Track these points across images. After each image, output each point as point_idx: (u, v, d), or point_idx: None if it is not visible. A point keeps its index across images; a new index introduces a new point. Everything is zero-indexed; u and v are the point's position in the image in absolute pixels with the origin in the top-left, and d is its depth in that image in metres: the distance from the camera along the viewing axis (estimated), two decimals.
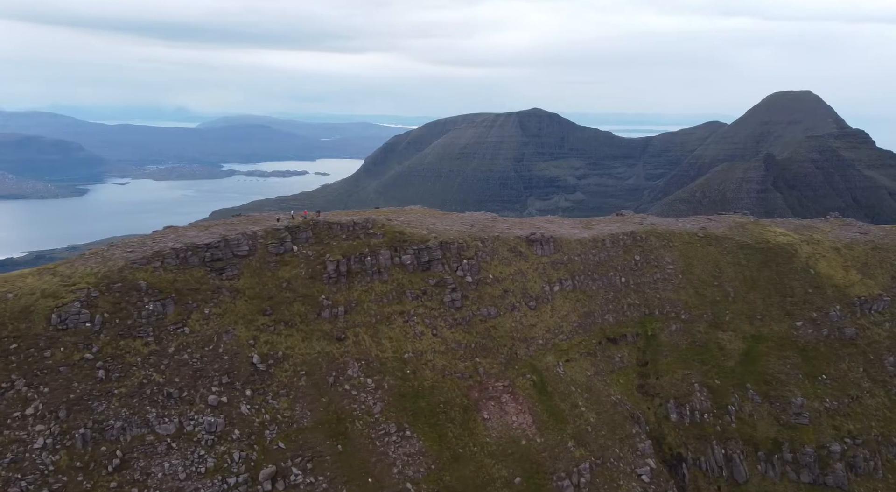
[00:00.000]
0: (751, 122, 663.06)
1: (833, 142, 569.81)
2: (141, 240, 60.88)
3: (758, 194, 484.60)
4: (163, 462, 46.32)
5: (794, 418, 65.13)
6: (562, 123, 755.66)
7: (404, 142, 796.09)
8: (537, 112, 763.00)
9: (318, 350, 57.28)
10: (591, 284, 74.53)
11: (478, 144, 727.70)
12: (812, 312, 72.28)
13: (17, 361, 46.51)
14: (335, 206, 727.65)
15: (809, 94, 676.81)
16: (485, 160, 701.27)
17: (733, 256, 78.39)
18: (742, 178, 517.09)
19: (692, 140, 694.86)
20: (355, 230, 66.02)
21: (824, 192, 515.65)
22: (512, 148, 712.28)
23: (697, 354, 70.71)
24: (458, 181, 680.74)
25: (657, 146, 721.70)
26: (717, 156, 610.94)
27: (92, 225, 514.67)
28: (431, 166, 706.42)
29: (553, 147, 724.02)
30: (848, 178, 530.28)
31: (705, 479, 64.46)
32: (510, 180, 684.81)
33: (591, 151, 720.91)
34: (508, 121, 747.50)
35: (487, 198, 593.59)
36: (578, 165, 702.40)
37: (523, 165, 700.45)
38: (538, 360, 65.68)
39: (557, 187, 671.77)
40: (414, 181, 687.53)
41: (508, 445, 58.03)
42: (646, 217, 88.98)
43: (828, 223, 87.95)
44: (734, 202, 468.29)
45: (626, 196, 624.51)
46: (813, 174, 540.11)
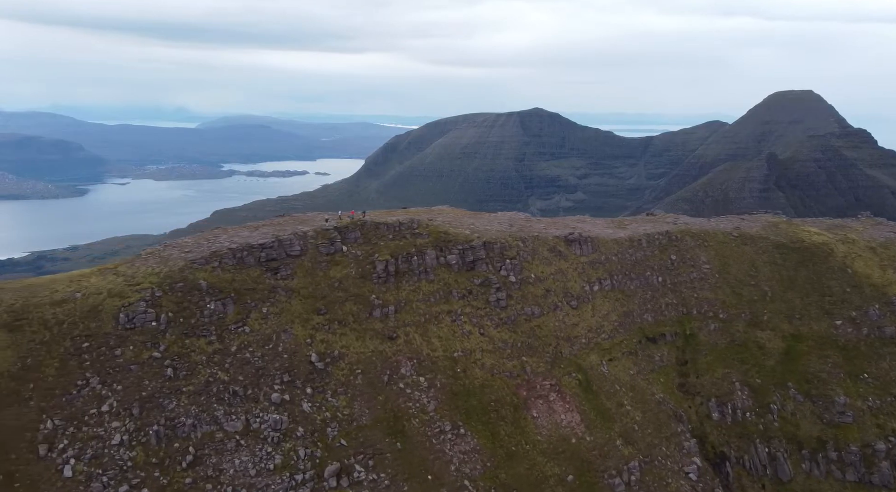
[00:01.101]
0: (752, 121, 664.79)
1: (835, 141, 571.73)
2: (195, 240, 61.53)
3: (760, 194, 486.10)
4: (233, 459, 47.01)
5: (837, 416, 65.96)
6: (563, 122, 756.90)
7: (405, 142, 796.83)
8: (538, 112, 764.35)
9: (371, 349, 57.97)
10: (628, 284, 75.33)
11: (479, 143, 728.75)
12: (851, 312, 73.18)
13: (90, 359, 47.18)
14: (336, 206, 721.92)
15: (811, 94, 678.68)
16: (486, 160, 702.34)
17: (769, 255, 79.27)
18: (745, 177, 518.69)
19: (693, 140, 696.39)
20: (401, 230, 66.73)
21: (827, 191, 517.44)
22: (513, 148, 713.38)
23: (737, 354, 71.51)
24: (459, 181, 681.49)
25: (658, 146, 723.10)
26: (718, 155, 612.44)
27: (92, 225, 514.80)
28: (432, 166, 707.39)
29: (554, 147, 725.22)
30: (850, 177, 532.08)
31: (749, 478, 65.25)
32: (511, 180, 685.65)
33: (592, 150, 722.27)
34: (509, 121, 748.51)
35: (489, 198, 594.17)
36: (579, 164, 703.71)
37: (524, 165, 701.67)
38: (582, 359, 66.45)
39: (558, 187, 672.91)
40: (415, 181, 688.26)
41: (559, 443, 58.77)
42: (678, 217, 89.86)
43: (860, 223, 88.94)
44: (737, 202, 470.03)
45: (628, 196, 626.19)
46: (815, 174, 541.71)
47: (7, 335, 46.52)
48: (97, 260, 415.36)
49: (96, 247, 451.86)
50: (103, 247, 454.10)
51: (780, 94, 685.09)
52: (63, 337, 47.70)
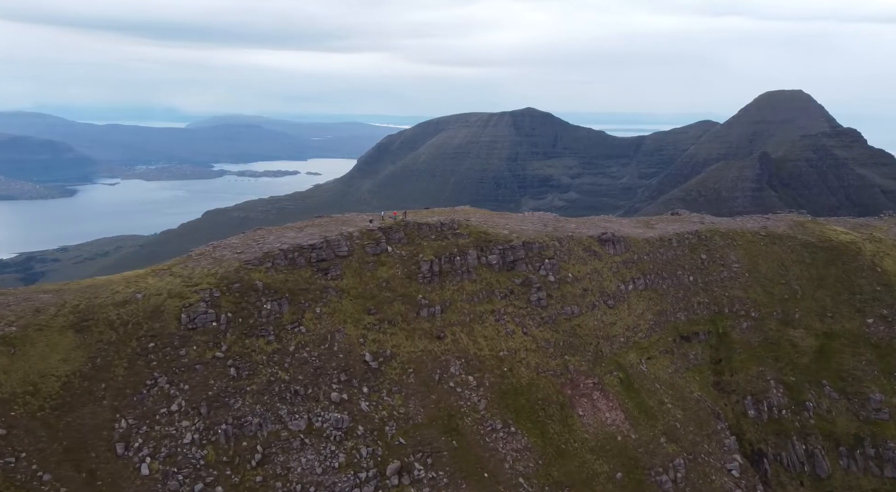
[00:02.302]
0: (743, 121, 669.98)
1: (826, 141, 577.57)
2: (243, 241, 61.89)
3: (753, 193, 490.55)
4: (299, 457, 47.51)
5: (873, 413, 67.37)
6: (555, 122, 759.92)
7: (398, 141, 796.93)
8: (531, 112, 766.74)
9: (421, 348, 58.63)
10: (661, 283, 76.45)
11: (472, 143, 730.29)
12: (882, 310, 74.72)
13: (157, 359, 47.47)
14: (329, 206, 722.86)
15: (801, 94, 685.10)
16: (479, 160, 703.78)
17: (798, 254, 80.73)
18: (737, 176, 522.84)
19: (685, 139, 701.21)
20: (443, 231, 67.39)
21: (819, 190, 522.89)
22: (506, 147, 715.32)
23: (770, 351, 72.79)
24: (452, 181, 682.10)
25: (650, 145, 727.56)
26: (710, 155, 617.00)
27: (82, 226, 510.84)
28: (425, 166, 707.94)
29: (546, 146, 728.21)
30: (841, 176, 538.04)
31: (787, 474, 66.50)
32: (504, 180, 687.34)
33: (585, 150, 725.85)
34: (502, 120, 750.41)
35: (482, 197, 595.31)
36: (572, 164, 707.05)
37: (517, 165, 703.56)
38: (622, 357, 67.47)
39: (551, 186, 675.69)
40: (408, 181, 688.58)
41: (606, 440, 59.71)
42: (703, 216, 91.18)
43: (883, 222, 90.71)
44: (729, 201, 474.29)
45: (620, 195, 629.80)
46: (807, 173, 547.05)
47: (76, 336, 46.73)
48: (88, 262, 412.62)
49: (86, 248, 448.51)
50: (94, 248, 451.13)
51: (771, 94, 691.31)
52: (129, 337, 47.96)
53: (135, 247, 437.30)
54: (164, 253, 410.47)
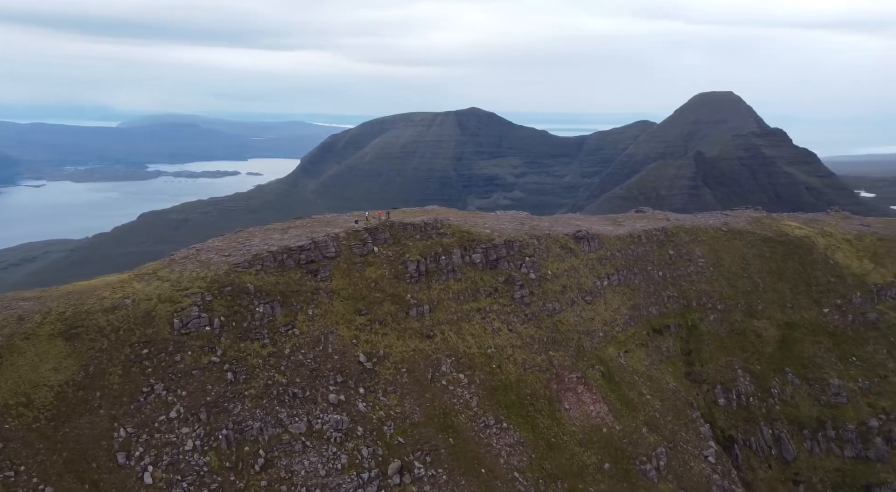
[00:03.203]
0: (679, 121, 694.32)
1: (756, 140, 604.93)
2: (228, 243, 60.69)
3: (690, 191, 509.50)
4: (302, 460, 47.19)
5: (833, 398, 71.57)
6: (499, 122, 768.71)
7: (342, 141, 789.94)
8: (475, 111, 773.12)
9: (412, 348, 58.97)
10: (633, 279, 79.04)
11: (417, 143, 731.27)
12: (836, 300, 79.41)
13: (152, 365, 46.24)
14: (272, 207, 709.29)
15: (732, 95, 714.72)
16: (424, 159, 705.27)
17: (757, 248, 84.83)
18: (675, 175, 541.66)
19: (624, 139, 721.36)
20: (427, 231, 67.82)
21: (750, 187, 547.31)
22: (451, 147, 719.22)
23: (737, 342, 76.36)
24: (398, 180, 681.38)
25: (591, 145, 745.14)
26: (648, 154, 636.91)
27: (6, 230, 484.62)
28: (371, 166, 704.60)
29: (491, 146, 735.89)
30: (770, 174, 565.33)
31: (756, 458, 69.95)
32: (450, 179, 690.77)
33: (529, 149, 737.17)
34: (447, 120, 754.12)
35: (428, 197, 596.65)
36: (516, 163, 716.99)
37: (463, 164, 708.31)
38: (602, 351, 69.50)
39: (497, 185, 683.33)
40: (354, 181, 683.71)
41: (592, 432, 61.49)
42: (668, 214, 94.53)
43: (831, 217, 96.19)
44: (668, 199, 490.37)
45: (563, 194, 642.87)
46: (739, 171, 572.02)
47: (65, 344, 45.04)
48: (13, 268, 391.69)
49: (12, 253, 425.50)
50: (19, 253, 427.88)
51: (704, 95, 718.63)
52: (122, 344, 46.54)
53: (65, 252, 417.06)
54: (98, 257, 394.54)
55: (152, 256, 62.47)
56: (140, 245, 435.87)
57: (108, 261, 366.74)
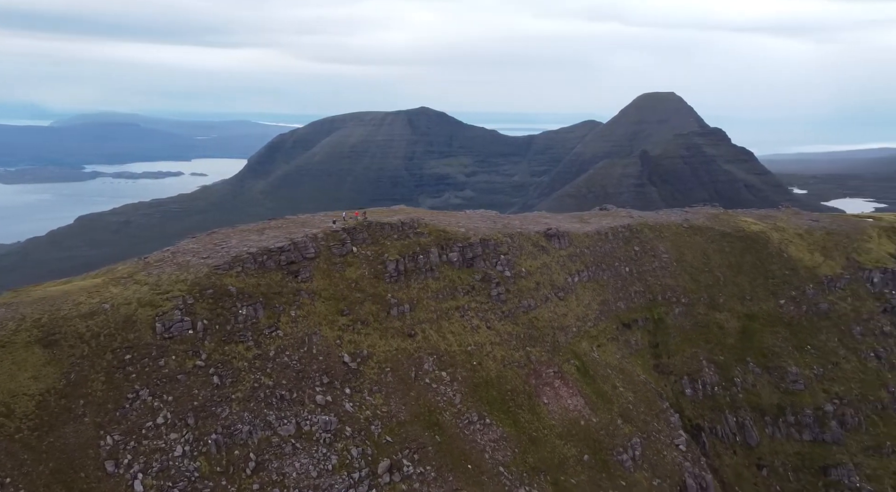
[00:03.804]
0: (624, 121, 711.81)
1: (697, 139, 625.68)
2: (202, 245, 59.54)
3: (636, 188, 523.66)
4: (293, 462, 46.88)
5: (791, 385, 75.16)
6: (449, 121, 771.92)
7: (290, 141, 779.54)
8: (425, 111, 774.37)
9: (395, 347, 59.17)
10: (601, 275, 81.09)
11: (367, 142, 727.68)
12: (791, 291, 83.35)
13: (136, 371, 45.14)
14: (219, 208, 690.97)
15: (673, 95, 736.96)
16: (375, 159, 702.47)
17: (717, 244, 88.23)
18: (622, 173, 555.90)
19: (572, 138, 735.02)
20: (404, 230, 68.05)
21: (692, 185, 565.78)
22: (402, 146, 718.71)
23: (701, 334, 79.29)
24: (349, 180, 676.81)
25: (540, 144, 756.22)
26: (595, 153, 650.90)
27: None
28: (321, 166, 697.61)
29: (442, 145, 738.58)
30: (711, 172, 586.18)
31: (722, 445, 72.88)
32: (402, 178, 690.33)
33: (479, 148, 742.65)
34: (397, 119, 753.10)
35: (379, 196, 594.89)
36: (467, 162, 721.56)
37: (414, 164, 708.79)
38: (576, 346, 71.15)
39: (448, 185, 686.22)
40: (303, 181, 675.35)
41: (571, 426, 62.95)
42: (631, 211, 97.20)
43: (782, 213, 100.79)
44: (615, 196, 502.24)
45: (513, 193, 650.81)
46: (682, 169, 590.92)
47: (44, 351, 43.54)
48: None
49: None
50: None
51: (648, 96, 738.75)
52: (103, 350, 45.27)
53: None
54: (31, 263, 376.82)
55: (91, 261, 60.35)
56: (77, 249, 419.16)
57: (42, 266, 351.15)
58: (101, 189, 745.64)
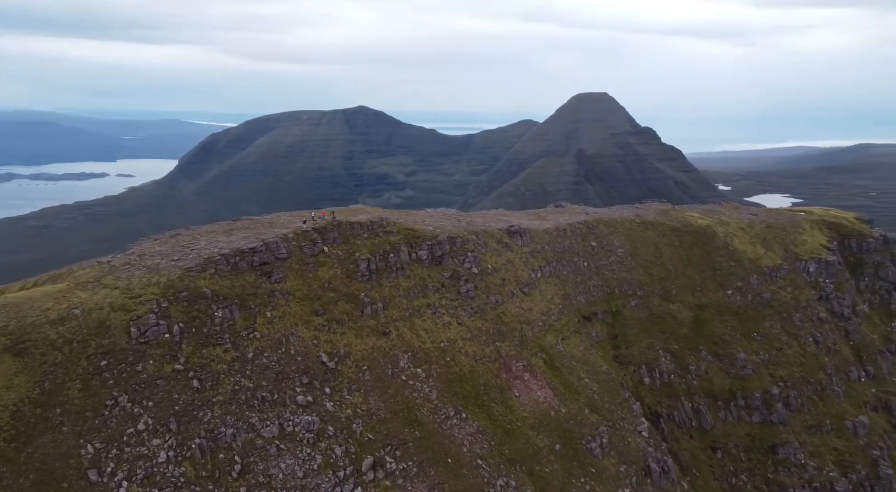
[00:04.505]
0: (560, 120, 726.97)
1: (629, 139, 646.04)
2: (169, 246, 58.06)
3: (573, 186, 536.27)
4: (278, 463, 46.52)
5: (740, 370, 79.33)
6: (388, 120, 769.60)
7: (224, 140, 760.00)
8: (363, 110, 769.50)
9: (370, 345, 59.34)
10: (562, 270, 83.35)
11: (305, 142, 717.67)
12: (738, 282, 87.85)
13: (113, 377, 43.82)
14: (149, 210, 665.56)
15: (606, 96, 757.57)
16: (313, 158, 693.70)
17: (668, 238, 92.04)
18: (559, 172, 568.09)
19: (510, 137, 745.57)
20: (374, 229, 68.18)
21: (626, 183, 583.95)
22: (340, 146, 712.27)
23: (656, 325, 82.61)
24: (286, 180, 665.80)
25: (479, 143, 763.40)
26: (533, 152, 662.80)
27: None
28: (256, 166, 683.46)
29: (381, 144, 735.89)
30: (644, 170, 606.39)
31: (679, 430, 76.25)
32: (341, 178, 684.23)
33: (418, 148, 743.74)
34: (335, 118, 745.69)
35: (319, 196, 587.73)
36: (407, 162, 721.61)
37: (353, 163, 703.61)
38: (542, 339, 72.97)
39: (388, 184, 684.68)
40: (238, 181, 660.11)
41: (541, 417, 64.64)
42: (586, 208, 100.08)
43: (724, 207, 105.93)
44: (554, 194, 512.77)
45: (454, 192, 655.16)
46: (616, 167, 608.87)
47: (14, 360, 41.71)
48: None
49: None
50: None
51: (582, 96, 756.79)
52: (77, 357, 43.74)
53: None
54: None
55: (10, 268, 57.01)
56: None
57: None
58: (17, 192, 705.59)
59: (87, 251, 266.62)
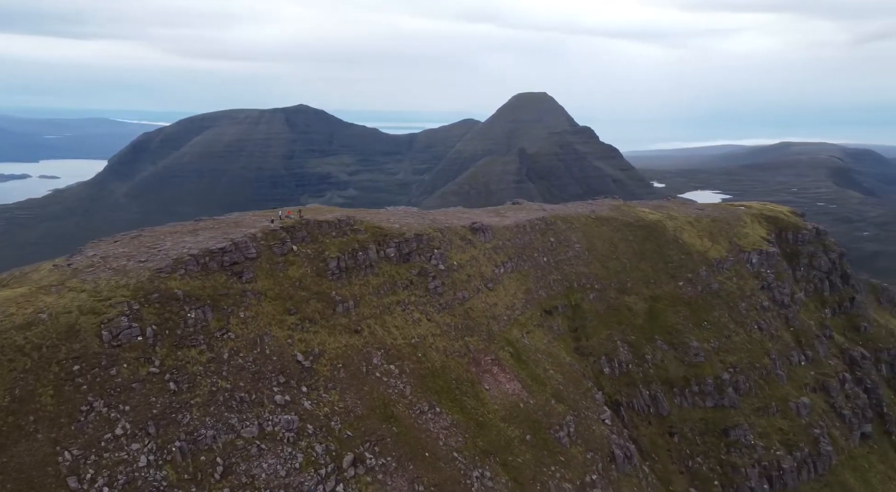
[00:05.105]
0: (501, 119, 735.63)
1: (569, 137, 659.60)
2: (132, 247, 56.46)
3: (516, 185, 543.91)
4: (261, 463, 46.12)
5: (693, 358, 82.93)
6: (329, 119, 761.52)
7: (157, 140, 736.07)
8: (304, 108, 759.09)
9: (343, 343, 59.33)
10: (523, 265, 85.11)
11: (243, 141, 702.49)
12: (688, 274, 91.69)
13: (86, 382, 42.51)
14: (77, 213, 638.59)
15: (546, 95, 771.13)
16: (253, 158, 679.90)
17: (622, 233, 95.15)
18: (502, 170, 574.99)
19: (452, 136, 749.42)
20: (342, 227, 68.03)
21: (567, 181, 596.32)
22: (281, 145, 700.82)
23: (614, 317, 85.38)
24: (224, 181, 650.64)
25: (421, 142, 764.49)
26: (475, 151, 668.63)
27: None
28: (192, 166, 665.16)
29: (323, 144, 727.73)
30: (583, 168, 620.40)
31: (638, 417, 79.15)
32: (282, 178, 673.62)
33: (361, 147, 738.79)
34: (274, 117, 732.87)
35: (260, 197, 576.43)
36: (349, 161, 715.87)
37: (294, 163, 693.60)
38: (508, 333, 74.43)
39: (330, 184, 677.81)
40: (173, 182, 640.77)
41: (511, 409, 66.04)
42: (543, 205, 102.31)
43: (671, 203, 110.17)
44: (497, 193, 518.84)
45: (397, 191, 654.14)
46: (556, 166, 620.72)
47: None
48: None
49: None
50: None
51: (522, 95, 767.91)
52: (48, 362, 42.24)
53: None
54: None
55: None
56: None
57: None
58: None
59: (9, 258, 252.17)
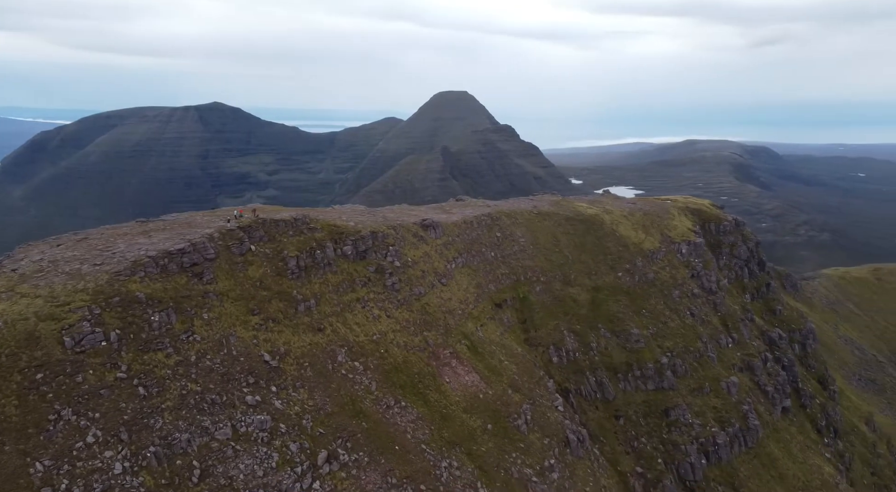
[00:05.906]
0: (423, 118, 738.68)
1: (491, 136, 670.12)
2: (83, 250, 54.02)
3: (440, 182, 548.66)
4: (237, 464, 45.45)
5: (634, 344, 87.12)
6: (246, 118, 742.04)
7: (56, 139, 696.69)
8: (218, 106, 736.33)
9: (308, 342, 59.01)
10: (472, 260, 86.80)
11: (154, 140, 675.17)
12: (626, 265, 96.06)
13: (52, 390, 40.68)
14: None
15: (467, 94, 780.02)
16: (164, 158, 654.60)
17: (563, 227, 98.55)
18: (426, 169, 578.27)
19: (374, 135, 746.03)
20: (298, 226, 67.38)
21: (490, 178, 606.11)
22: (195, 144, 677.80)
23: (560, 308, 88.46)
24: (134, 182, 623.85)
25: (343, 141, 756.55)
26: (398, 149, 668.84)
27: None
28: (98, 167, 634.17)
29: (240, 143, 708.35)
30: (505, 165, 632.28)
31: (586, 403, 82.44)
32: (197, 179, 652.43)
33: (280, 146, 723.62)
34: (187, 115, 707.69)
35: (174, 199, 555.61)
36: (268, 160, 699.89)
37: (210, 163, 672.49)
38: (463, 327, 75.86)
39: (249, 184, 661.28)
40: (77, 184, 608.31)
41: (472, 400, 67.52)
42: (486, 201, 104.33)
43: (606, 197, 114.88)
44: (422, 191, 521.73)
45: (319, 190, 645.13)
46: (479, 163, 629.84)
47: None
48: None
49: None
50: None
51: (444, 94, 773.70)
52: (9, 372, 40.12)
53: None
54: None
55: None
56: None
57: None
58: None
59: None
